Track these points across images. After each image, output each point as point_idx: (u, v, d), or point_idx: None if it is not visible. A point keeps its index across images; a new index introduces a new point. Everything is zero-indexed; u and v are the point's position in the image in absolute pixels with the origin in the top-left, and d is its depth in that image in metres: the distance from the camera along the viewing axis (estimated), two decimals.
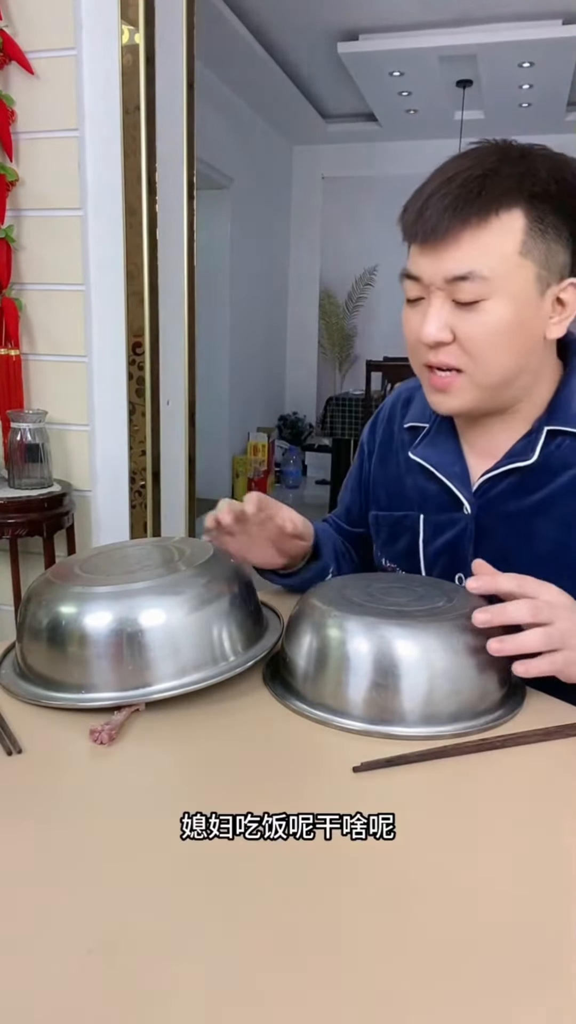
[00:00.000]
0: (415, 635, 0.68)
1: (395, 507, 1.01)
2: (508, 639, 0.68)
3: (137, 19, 1.73)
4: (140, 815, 0.58)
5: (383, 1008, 0.41)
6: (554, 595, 0.72)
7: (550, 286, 0.81)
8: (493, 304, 0.78)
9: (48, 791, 0.60)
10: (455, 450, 0.94)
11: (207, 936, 0.46)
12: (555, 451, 0.87)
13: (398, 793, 0.60)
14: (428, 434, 0.97)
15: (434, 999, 0.42)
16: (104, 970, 0.43)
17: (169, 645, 0.71)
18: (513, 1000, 0.42)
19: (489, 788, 0.61)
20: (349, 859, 0.52)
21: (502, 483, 0.89)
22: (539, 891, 0.50)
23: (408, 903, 0.49)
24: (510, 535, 0.88)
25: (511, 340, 0.80)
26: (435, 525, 0.95)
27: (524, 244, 0.77)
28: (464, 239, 0.77)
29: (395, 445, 1.03)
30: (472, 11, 4.00)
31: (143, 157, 1.80)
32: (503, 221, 0.77)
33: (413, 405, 1.02)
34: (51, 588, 0.76)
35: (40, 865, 0.52)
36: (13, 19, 1.80)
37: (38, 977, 0.43)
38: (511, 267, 0.78)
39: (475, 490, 0.91)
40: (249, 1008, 0.41)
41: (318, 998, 0.41)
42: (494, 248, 0.77)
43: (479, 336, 0.80)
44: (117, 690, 0.70)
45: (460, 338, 0.81)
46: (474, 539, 0.91)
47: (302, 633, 0.74)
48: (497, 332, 0.79)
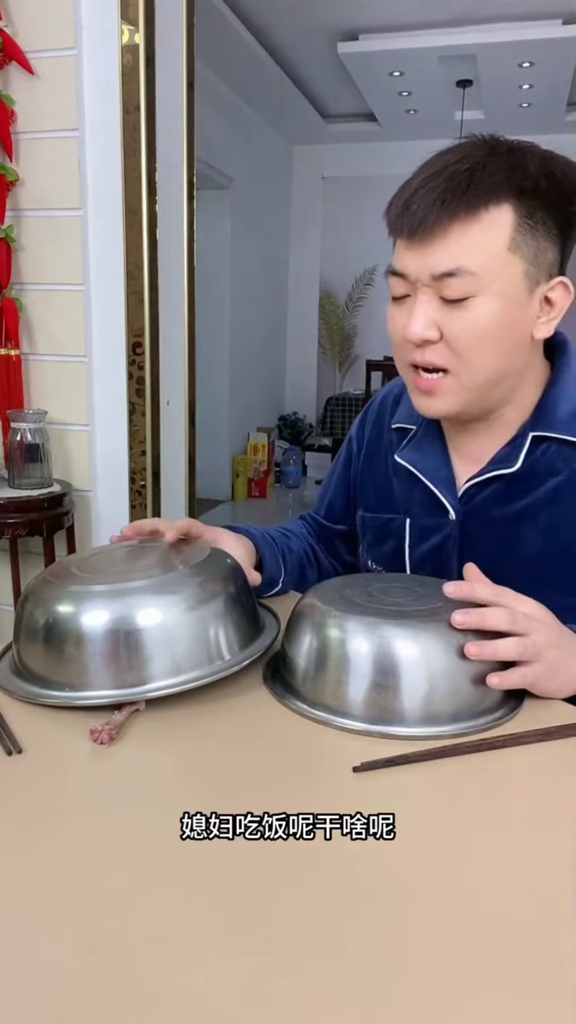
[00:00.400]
0: (415, 635, 0.68)
1: (382, 509, 1.00)
2: (485, 644, 0.68)
3: (137, 19, 1.73)
4: (140, 815, 0.58)
5: (383, 1008, 0.41)
6: (532, 608, 0.71)
7: (539, 284, 0.79)
8: (481, 301, 0.77)
9: (48, 791, 0.60)
10: (441, 455, 0.93)
11: (207, 936, 0.46)
12: (540, 458, 0.85)
13: (398, 793, 0.60)
14: (415, 437, 0.96)
15: (435, 999, 0.42)
16: (104, 970, 0.43)
17: (165, 643, 0.71)
18: (514, 1000, 0.42)
19: (489, 788, 0.61)
20: (349, 859, 0.52)
21: (487, 490, 0.88)
22: (539, 891, 0.50)
23: (408, 903, 0.49)
24: (495, 542, 0.88)
25: (499, 339, 0.78)
26: (420, 530, 0.94)
27: (513, 240, 0.76)
28: (452, 234, 0.75)
29: (383, 444, 1.02)
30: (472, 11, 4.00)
31: (143, 157, 1.80)
32: (492, 216, 0.75)
33: (402, 404, 1.01)
34: (48, 587, 0.76)
35: (40, 865, 0.52)
36: (13, 19, 1.80)
37: (38, 977, 0.43)
38: (500, 263, 0.76)
39: (460, 496, 0.90)
40: (249, 1008, 0.41)
41: (318, 998, 0.41)
42: (483, 243, 0.75)
43: (466, 334, 0.78)
44: (113, 688, 0.71)
45: (447, 336, 0.79)
46: (459, 545, 0.90)
47: (302, 633, 0.74)
48: (485, 330, 0.78)
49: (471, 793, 0.61)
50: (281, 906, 0.48)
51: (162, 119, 1.86)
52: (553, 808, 0.59)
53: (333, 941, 0.45)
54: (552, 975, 0.43)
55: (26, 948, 0.45)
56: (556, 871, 0.52)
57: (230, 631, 0.76)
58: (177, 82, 1.96)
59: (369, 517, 1.02)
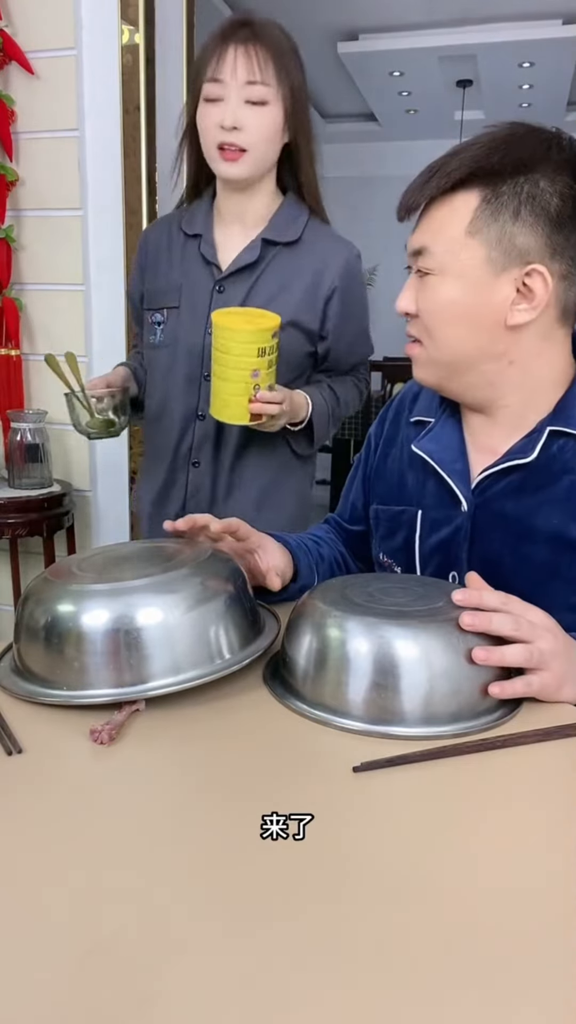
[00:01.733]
0: (415, 635, 0.68)
1: (394, 501, 1.01)
2: (493, 650, 0.69)
3: (137, 19, 1.73)
4: (140, 815, 0.58)
5: (384, 1008, 0.41)
6: (539, 617, 0.72)
7: (507, 269, 0.80)
8: (440, 280, 0.83)
9: (48, 791, 0.60)
10: (458, 446, 0.94)
11: (207, 936, 0.46)
12: (556, 453, 0.86)
13: (398, 793, 0.60)
14: (433, 428, 0.97)
15: (435, 998, 0.42)
16: (104, 970, 0.43)
17: (166, 643, 0.71)
18: (514, 999, 0.42)
19: (489, 788, 0.61)
20: (349, 859, 0.52)
21: (501, 482, 0.88)
22: (540, 891, 0.50)
23: (408, 903, 0.48)
24: (505, 536, 0.88)
25: (459, 319, 0.83)
26: (432, 521, 0.94)
27: (473, 223, 0.80)
28: (425, 215, 0.83)
29: (400, 439, 1.03)
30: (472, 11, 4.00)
31: (143, 157, 1.80)
32: (460, 199, 0.80)
33: (420, 399, 1.02)
34: (48, 586, 0.76)
35: (40, 865, 0.52)
36: (13, 19, 1.80)
37: (38, 977, 0.43)
38: (458, 246, 0.80)
39: (473, 488, 0.90)
40: (249, 1008, 0.41)
41: (318, 998, 0.41)
42: (444, 226, 0.81)
43: (427, 310, 0.85)
44: (113, 687, 0.71)
45: (419, 310, 0.86)
46: (469, 538, 0.90)
47: (302, 633, 0.74)
48: (443, 309, 0.83)
49: (471, 793, 0.61)
50: (281, 906, 0.48)
51: (162, 119, 1.86)
52: (553, 808, 0.59)
53: (333, 941, 0.45)
54: (553, 975, 0.43)
55: (26, 948, 0.45)
56: (556, 871, 0.52)
57: (231, 630, 0.76)
58: (177, 82, 1.96)
59: (382, 510, 1.03)
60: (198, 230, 1.38)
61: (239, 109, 1.25)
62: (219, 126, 1.26)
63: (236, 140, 1.26)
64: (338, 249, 1.37)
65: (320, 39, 4.38)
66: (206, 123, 1.28)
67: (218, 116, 1.26)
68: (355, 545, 1.13)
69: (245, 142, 1.26)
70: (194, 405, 1.39)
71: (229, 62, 1.24)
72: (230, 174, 1.30)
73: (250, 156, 1.28)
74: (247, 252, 1.35)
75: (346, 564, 1.11)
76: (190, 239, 1.40)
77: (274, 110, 1.27)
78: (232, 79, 1.25)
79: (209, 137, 1.28)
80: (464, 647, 0.69)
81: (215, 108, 1.26)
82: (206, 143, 1.30)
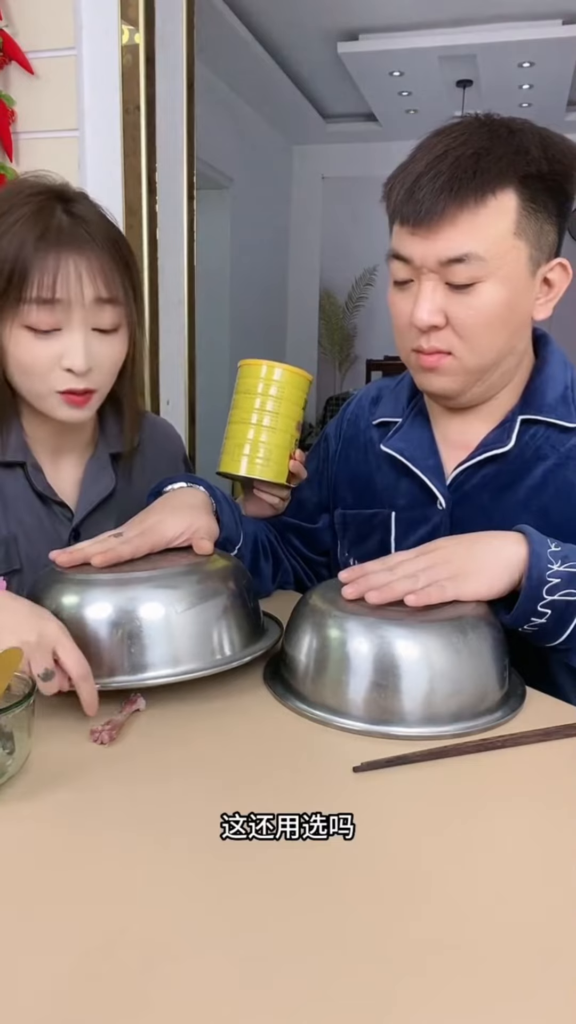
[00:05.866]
0: (415, 635, 0.68)
1: (364, 505, 0.99)
2: (385, 588, 0.71)
3: (137, 19, 1.73)
4: (140, 815, 0.58)
5: (384, 1007, 0.41)
6: (427, 546, 0.76)
7: (540, 266, 0.81)
8: (488, 286, 0.78)
9: (48, 791, 0.60)
10: (428, 443, 0.93)
11: (207, 936, 0.46)
12: (529, 441, 0.86)
13: (398, 793, 0.60)
14: (401, 427, 0.96)
15: (435, 998, 0.42)
16: (104, 970, 0.43)
17: (165, 634, 0.72)
18: (514, 999, 0.42)
19: (489, 788, 0.61)
20: (349, 859, 0.52)
21: (477, 475, 0.88)
22: (540, 891, 0.50)
23: (409, 903, 0.48)
24: (486, 529, 0.87)
25: (504, 322, 0.80)
26: (407, 522, 0.94)
27: (518, 224, 0.78)
28: (460, 220, 0.76)
29: (362, 442, 1.02)
30: (472, 11, 3.99)
31: (143, 157, 1.80)
32: (499, 201, 0.77)
33: (383, 403, 1.01)
34: (53, 576, 0.77)
35: (40, 865, 0.52)
36: (13, 19, 1.80)
37: (38, 977, 0.43)
38: (506, 248, 0.77)
39: (449, 484, 0.90)
40: (249, 1008, 0.41)
41: (318, 998, 0.41)
42: (490, 229, 0.77)
43: (473, 319, 0.79)
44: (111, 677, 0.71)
45: (453, 322, 0.80)
46: (449, 534, 0.90)
47: (302, 633, 0.74)
48: (491, 314, 0.79)
49: (472, 793, 0.61)
50: (280, 906, 0.48)
51: (162, 119, 1.86)
52: (553, 808, 0.59)
53: (333, 941, 0.45)
54: (553, 974, 0.43)
55: (26, 948, 0.45)
56: (557, 871, 0.52)
57: (232, 627, 0.77)
58: (177, 82, 1.96)
59: (350, 514, 1.01)
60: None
61: (91, 342, 0.89)
62: (63, 368, 0.88)
63: (89, 384, 0.90)
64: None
65: (320, 39, 4.38)
66: (34, 359, 0.88)
67: (57, 352, 0.87)
68: (283, 533, 1.07)
69: (96, 382, 0.91)
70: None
71: (64, 275, 0.86)
72: (76, 418, 0.93)
73: (98, 395, 0.94)
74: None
75: (273, 551, 1.05)
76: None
77: (124, 334, 0.94)
78: (76, 298, 0.86)
79: (46, 381, 0.89)
80: (465, 647, 0.69)
81: (50, 342, 0.87)
82: (33, 383, 0.90)
